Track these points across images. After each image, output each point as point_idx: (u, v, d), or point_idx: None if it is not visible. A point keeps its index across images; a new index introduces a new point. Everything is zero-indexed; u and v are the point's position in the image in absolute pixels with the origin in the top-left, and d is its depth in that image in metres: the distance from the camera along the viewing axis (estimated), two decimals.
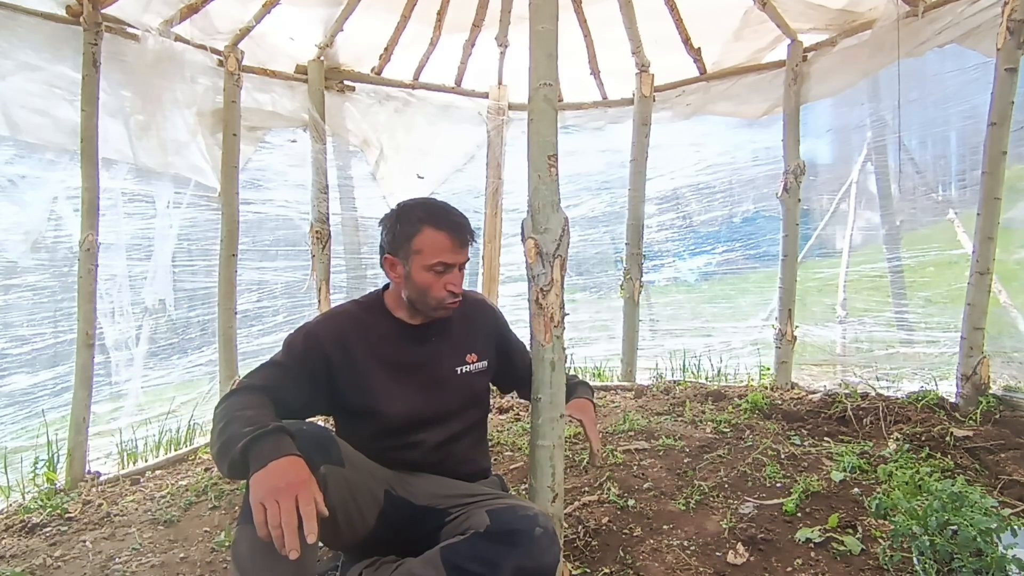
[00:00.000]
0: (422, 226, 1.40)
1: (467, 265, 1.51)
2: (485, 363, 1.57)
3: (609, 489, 2.04)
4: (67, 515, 2.19)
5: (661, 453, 2.37)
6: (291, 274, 3.78)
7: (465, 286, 1.54)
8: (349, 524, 1.28)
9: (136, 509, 2.24)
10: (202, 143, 3.14)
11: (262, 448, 1.06)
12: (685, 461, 2.27)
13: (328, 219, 3.40)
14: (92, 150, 2.61)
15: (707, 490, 2.00)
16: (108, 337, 2.98)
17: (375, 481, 1.35)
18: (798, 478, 2.02)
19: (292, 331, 1.43)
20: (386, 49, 3.58)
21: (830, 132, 4.38)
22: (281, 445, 1.07)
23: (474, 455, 1.59)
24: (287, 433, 1.11)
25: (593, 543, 1.73)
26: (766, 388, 3.25)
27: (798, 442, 2.40)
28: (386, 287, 1.55)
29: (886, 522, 1.64)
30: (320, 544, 1.20)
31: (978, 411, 2.46)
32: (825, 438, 2.45)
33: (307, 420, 1.36)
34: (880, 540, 1.62)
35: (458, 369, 1.52)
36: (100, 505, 2.30)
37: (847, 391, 2.88)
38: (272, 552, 1.04)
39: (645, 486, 2.08)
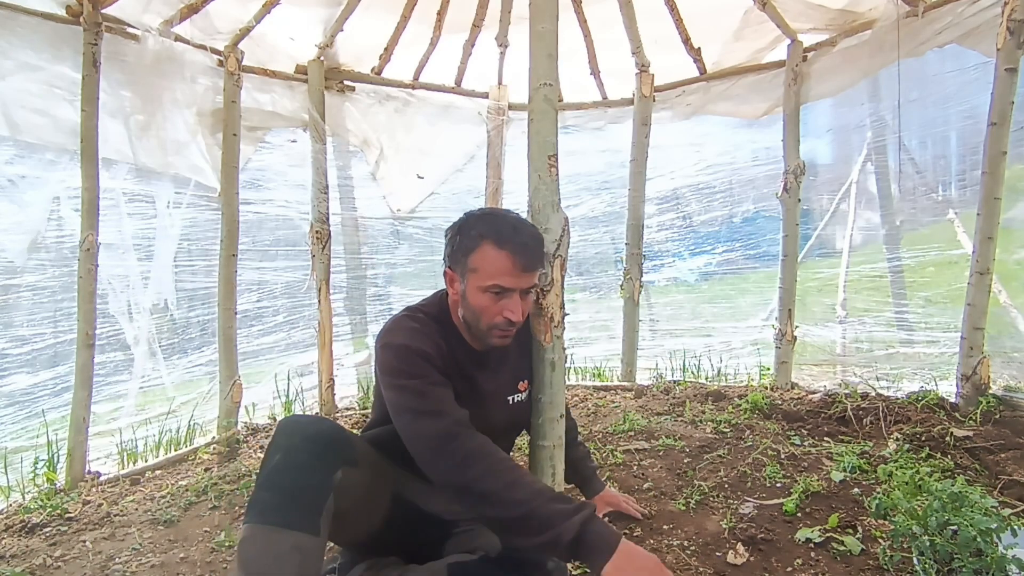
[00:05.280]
0: (482, 241, 1.26)
1: None
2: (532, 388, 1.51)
3: (609, 489, 2.04)
4: (67, 515, 2.19)
5: (661, 453, 2.37)
6: (291, 274, 3.78)
7: None
8: (358, 523, 1.28)
9: (136, 509, 2.24)
10: (202, 143, 3.14)
11: (599, 533, 1.08)
12: (685, 461, 2.27)
13: (328, 219, 3.40)
14: (92, 150, 2.61)
15: (707, 490, 2.00)
16: (128, 335, 3.00)
17: (385, 482, 1.33)
18: (798, 478, 2.02)
19: (390, 351, 1.27)
20: (386, 49, 3.58)
21: (830, 132, 4.37)
22: (610, 528, 1.11)
23: None
24: (591, 508, 1.13)
25: None
26: (766, 388, 3.25)
27: (798, 442, 2.40)
28: (446, 294, 1.44)
29: (886, 522, 1.64)
30: (330, 544, 1.20)
31: (978, 411, 2.46)
32: (825, 438, 2.45)
33: (315, 415, 1.33)
34: (880, 540, 1.62)
35: (510, 399, 1.46)
36: (100, 505, 2.30)
37: (847, 391, 2.88)
38: (279, 554, 1.06)
39: (645, 486, 2.08)
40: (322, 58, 3.42)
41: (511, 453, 1.63)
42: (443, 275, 1.38)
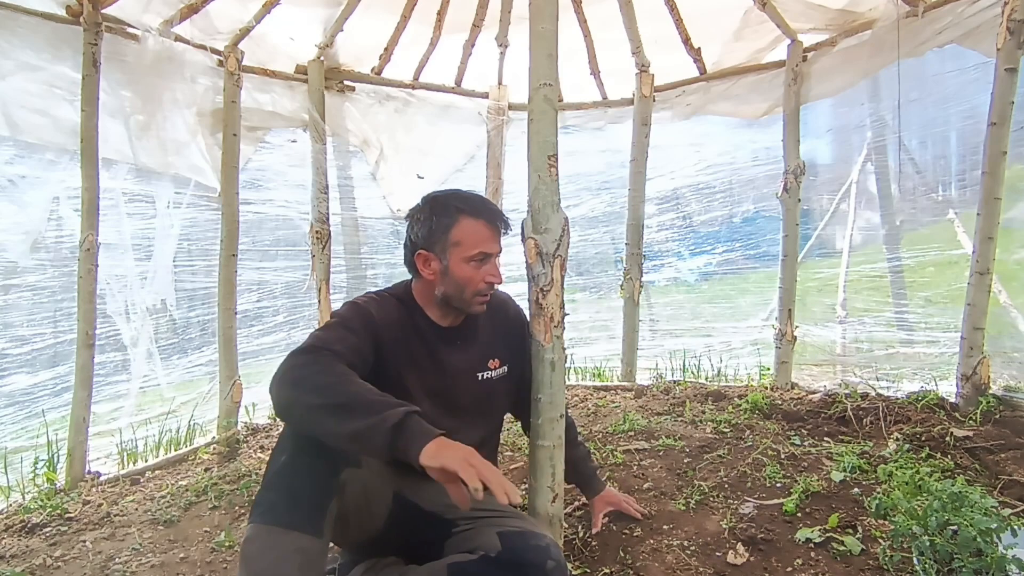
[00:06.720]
0: (459, 216, 1.35)
1: None
2: (506, 368, 1.52)
3: (609, 489, 2.04)
4: (67, 515, 2.19)
5: (661, 453, 2.37)
6: (291, 274, 3.78)
7: None
8: (359, 524, 1.28)
9: (136, 509, 2.24)
10: (202, 143, 3.14)
11: (423, 424, 1.07)
12: (685, 461, 2.27)
13: (328, 219, 3.40)
14: (92, 150, 2.61)
15: (707, 490, 2.00)
16: (125, 335, 3.00)
17: (386, 482, 1.34)
18: (798, 478, 2.02)
19: (340, 307, 1.36)
20: (386, 49, 3.58)
21: (830, 132, 4.38)
22: (432, 427, 1.08)
23: None
24: (418, 410, 1.11)
25: (593, 543, 1.73)
26: (766, 388, 3.25)
27: (798, 442, 2.40)
28: (410, 281, 1.48)
29: (886, 522, 1.64)
30: (331, 544, 1.20)
31: (978, 411, 2.46)
32: (825, 438, 2.45)
33: None
34: (880, 540, 1.62)
35: (479, 375, 1.47)
36: (100, 505, 2.30)
37: (847, 391, 2.88)
38: (281, 555, 1.06)
39: (645, 486, 2.08)
40: (322, 58, 3.42)
41: (494, 445, 1.63)
42: (414, 259, 1.40)
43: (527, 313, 1.52)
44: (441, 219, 1.36)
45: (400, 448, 1.03)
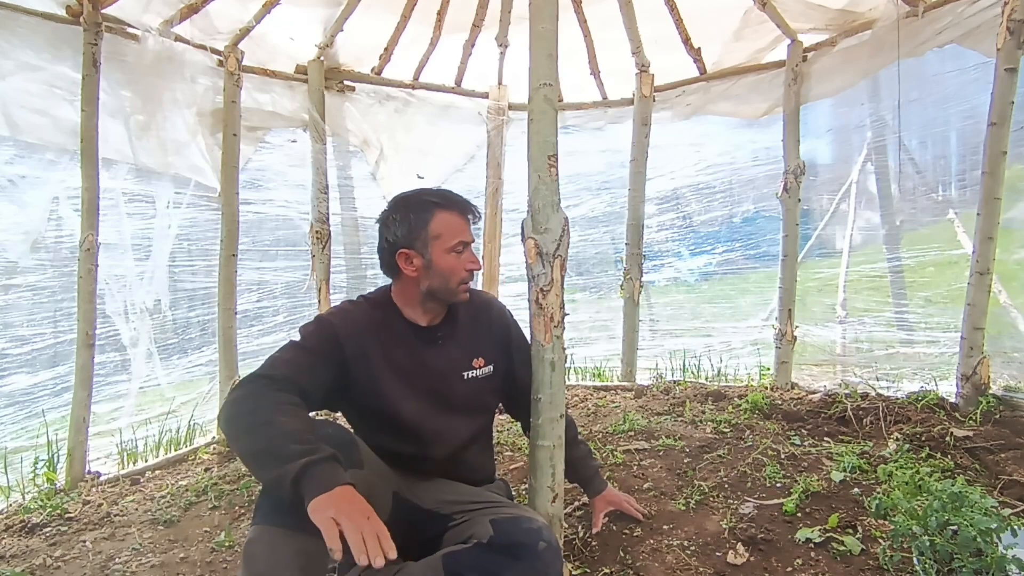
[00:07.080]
0: (435, 210, 1.39)
1: None
2: (491, 367, 1.53)
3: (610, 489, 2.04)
4: (67, 515, 2.19)
5: (661, 453, 2.37)
6: (291, 274, 3.78)
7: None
8: None
9: (136, 509, 2.24)
10: (202, 143, 3.14)
11: (320, 475, 1.05)
12: (685, 461, 2.27)
13: (328, 219, 3.40)
14: (92, 150, 2.61)
15: (707, 490, 2.00)
16: (124, 335, 2.99)
17: (386, 483, 1.35)
18: (798, 478, 2.02)
19: (305, 323, 1.40)
20: (386, 49, 3.58)
21: (830, 132, 4.38)
22: (338, 474, 1.07)
23: (481, 462, 1.58)
24: (338, 461, 1.10)
25: (593, 543, 1.73)
26: (766, 388, 3.25)
27: (798, 442, 2.40)
28: (390, 285, 1.49)
29: (886, 522, 1.64)
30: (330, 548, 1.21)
31: (978, 411, 2.46)
32: (825, 438, 2.45)
33: (322, 419, 1.35)
34: (880, 540, 1.62)
35: (465, 374, 1.48)
36: (100, 505, 2.30)
37: (847, 391, 2.88)
38: (284, 556, 1.07)
39: (645, 486, 2.08)
40: (322, 58, 3.42)
41: (487, 441, 1.63)
42: (395, 260, 1.41)
43: (527, 314, 1.52)
44: (418, 216, 1.39)
45: (301, 499, 1.04)
